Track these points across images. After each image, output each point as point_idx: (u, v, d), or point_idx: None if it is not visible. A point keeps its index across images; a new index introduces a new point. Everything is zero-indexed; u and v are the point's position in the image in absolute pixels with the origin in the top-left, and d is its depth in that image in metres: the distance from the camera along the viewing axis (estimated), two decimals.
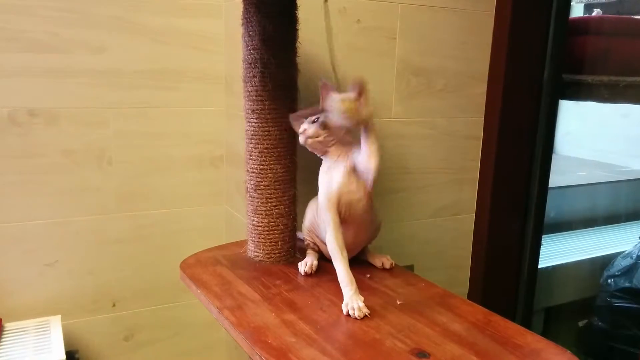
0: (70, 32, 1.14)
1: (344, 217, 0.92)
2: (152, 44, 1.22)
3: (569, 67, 1.36)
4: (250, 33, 0.97)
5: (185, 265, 1.03)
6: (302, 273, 0.98)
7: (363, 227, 0.97)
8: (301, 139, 0.93)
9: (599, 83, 1.27)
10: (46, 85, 1.15)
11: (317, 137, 0.92)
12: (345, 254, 0.89)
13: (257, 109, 1.00)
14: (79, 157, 1.20)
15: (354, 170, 0.91)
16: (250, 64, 0.99)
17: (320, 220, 0.98)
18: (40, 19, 1.12)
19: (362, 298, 0.84)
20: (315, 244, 1.03)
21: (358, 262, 1.01)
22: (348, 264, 0.88)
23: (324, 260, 1.03)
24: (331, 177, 0.92)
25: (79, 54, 1.16)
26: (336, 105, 0.84)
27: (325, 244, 1.01)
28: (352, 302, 0.83)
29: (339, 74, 0.98)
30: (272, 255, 1.04)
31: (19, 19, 1.10)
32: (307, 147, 0.94)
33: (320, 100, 0.93)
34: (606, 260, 1.89)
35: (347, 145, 0.93)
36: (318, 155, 0.96)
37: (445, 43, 1.30)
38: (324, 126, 0.91)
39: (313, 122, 0.92)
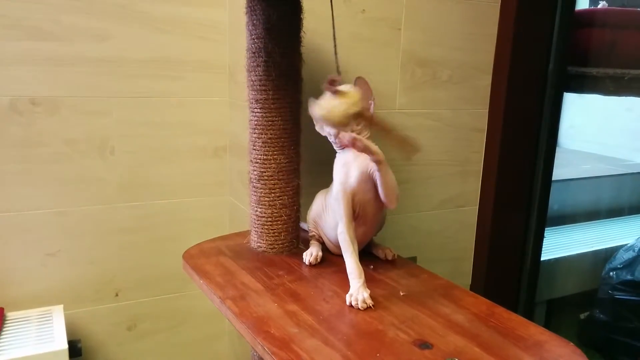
0: (72, 20, 1.14)
1: (357, 215, 0.90)
2: (155, 33, 1.21)
3: (574, 60, 1.35)
4: (254, 22, 0.97)
5: (187, 256, 1.03)
6: (307, 263, 0.98)
7: (373, 225, 0.96)
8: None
9: (604, 76, 1.26)
10: (48, 73, 1.14)
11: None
12: (356, 247, 0.88)
13: (261, 99, 0.99)
14: (82, 147, 1.20)
15: (372, 176, 0.88)
16: (254, 53, 0.98)
17: (330, 212, 0.96)
18: (42, 6, 1.11)
19: (369, 291, 0.84)
20: (319, 235, 1.03)
21: (361, 253, 1.00)
22: (358, 257, 0.88)
23: (328, 251, 1.03)
24: (348, 172, 0.89)
25: (81, 42, 1.15)
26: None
27: (329, 238, 1.01)
28: (358, 293, 0.83)
29: (342, 65, 0.96)
30: (275, 246, 1.04)
31: (21, 6, 1.09)
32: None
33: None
34: (609, 253, 1.89)
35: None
36: (335, 149, 0.93)
37: (450, 34, 1.29)
38: None
39: None
